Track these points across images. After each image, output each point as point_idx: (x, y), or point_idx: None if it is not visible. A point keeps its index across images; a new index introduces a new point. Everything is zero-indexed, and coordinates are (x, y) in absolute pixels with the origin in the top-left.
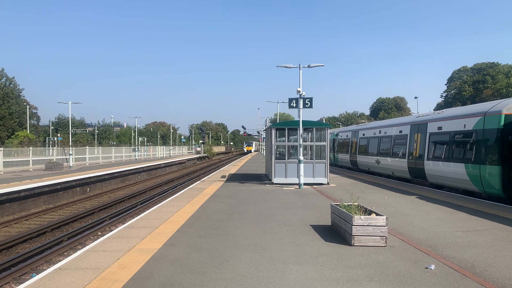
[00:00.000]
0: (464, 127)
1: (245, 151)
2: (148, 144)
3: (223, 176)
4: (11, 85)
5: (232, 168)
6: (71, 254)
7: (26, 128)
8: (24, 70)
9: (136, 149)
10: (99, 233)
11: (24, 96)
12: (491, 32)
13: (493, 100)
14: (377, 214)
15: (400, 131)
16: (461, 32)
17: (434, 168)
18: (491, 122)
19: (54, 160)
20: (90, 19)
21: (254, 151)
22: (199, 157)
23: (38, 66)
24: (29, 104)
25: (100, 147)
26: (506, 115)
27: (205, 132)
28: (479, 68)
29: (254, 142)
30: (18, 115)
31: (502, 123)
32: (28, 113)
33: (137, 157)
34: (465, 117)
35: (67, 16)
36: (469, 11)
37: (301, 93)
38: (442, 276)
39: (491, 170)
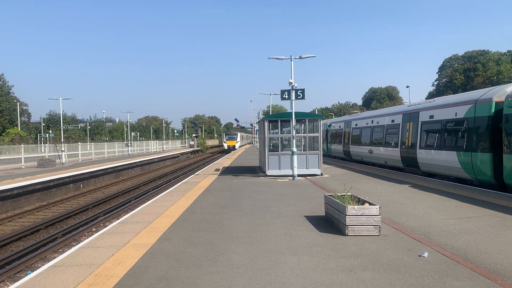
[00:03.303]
0: (456, 115)
1: (226, 148)
2: (141, 138)
3: (217, 170)
4: (0, 82)
5: (226, 161)
6: (66, 250)
7: (17, 125)
8: (14, 67)
9: (129, 144)
10: (94, 229)
11: (14, 93)
12: (482, 20)
13: (484, 87)
14: (370, 204)
15: (392, 121)
16: (452, 20)
17: (426, 156)
18: (482, 110)
19: (47, 157)
20: (80, 13)
21: (240, 146)
22: (193, 150)
23: (28, 62)
24: (19, 101)
25: (92, 143)
26: (496, 103)
27: (198, 125)
28: (469, 56)
29: (239, 134)
30: (9, 113)
31: (493, 110)
32: (18, 110)
33: (130, 152)
34: (456, 105)
35: (57, 11)
36: None
37: (293, 84)
38: (435, 264)
39: (482, 157)
